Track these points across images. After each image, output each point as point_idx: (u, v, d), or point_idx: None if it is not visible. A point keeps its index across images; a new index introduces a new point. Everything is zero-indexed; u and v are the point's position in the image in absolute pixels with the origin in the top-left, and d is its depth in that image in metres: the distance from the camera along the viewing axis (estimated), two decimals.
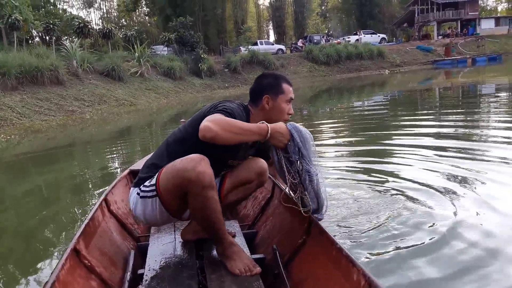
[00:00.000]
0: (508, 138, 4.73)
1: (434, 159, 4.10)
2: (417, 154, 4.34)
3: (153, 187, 1.63)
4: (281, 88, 1.81)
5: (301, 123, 2.12)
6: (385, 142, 5.38)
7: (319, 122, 8.17)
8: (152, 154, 1.85)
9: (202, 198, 1.50)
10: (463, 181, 3.31)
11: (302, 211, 1.71)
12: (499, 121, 6.07)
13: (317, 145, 5.78)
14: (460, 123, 6.18)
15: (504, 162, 3.73)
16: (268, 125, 1.62)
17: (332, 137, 6.07)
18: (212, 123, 1.48)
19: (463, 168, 3.64)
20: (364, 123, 7.35)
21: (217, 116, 1.53)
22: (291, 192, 1.72)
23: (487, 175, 3.39)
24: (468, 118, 6.59)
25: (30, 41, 22.04)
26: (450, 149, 4.45)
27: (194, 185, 1.48)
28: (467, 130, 5.59)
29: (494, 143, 4.63)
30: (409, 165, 4.00)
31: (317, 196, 1.71)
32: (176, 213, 1.68)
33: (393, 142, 5.26)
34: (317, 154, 1.72)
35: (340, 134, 6.34)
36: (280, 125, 1.67)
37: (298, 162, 1.67)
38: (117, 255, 1.83)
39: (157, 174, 1.63)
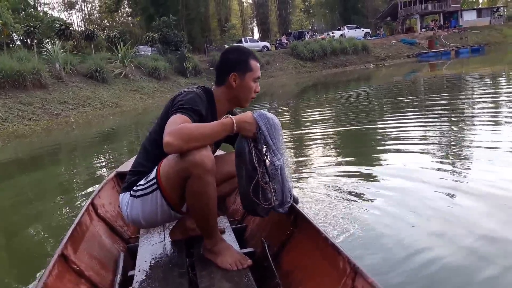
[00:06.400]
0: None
1: (420, 149, 4.14)
2: (404, 144, 4.38)
3: (152, 181, 1.60)
4: (249, 65, 1.72)
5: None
6: (373, 132, 5.41)
7: (305, 113, 8.19)
8: (134, 161, 1.81)
9: (203, 182, 1.48)
10: (451, 167, 3.36)
11: (263, 205, 1.62)
12: (484, 108, 6.16)
13: (305, 137, 5.84)
14: (445, 113, 6.27)
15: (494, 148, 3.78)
16: (233, 118, 1.53)
17: (317, 126, 6.09)
18: (173, 138, 1.41)
19: (447, 152, 3.69)
20: (351, 113, 7.39)
21: (175, 127, 1.45)
22: (262, 183, 1.59)
23: (473, 164, 3.43)
24: (453, 111, 6.68)
25: (11, 45, 21.61)
26: (436, 139, 4.50)
27: (197, 167, 1.45)
28: (453, 118, 5.66)
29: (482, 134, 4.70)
30: (394, 153, 4.03)
31: (282, 189, 1.64)
32: (177, 205, 1.65)
33: (380, 131, 5.30)
34: (284, 144, 1.64)
35: (326, 124, 6.36)
36: (245, 114, 1.59)
37: (265, 151, 1.59)
38: (106, 258, 1.81)
39: (156, 168, 1.61)
